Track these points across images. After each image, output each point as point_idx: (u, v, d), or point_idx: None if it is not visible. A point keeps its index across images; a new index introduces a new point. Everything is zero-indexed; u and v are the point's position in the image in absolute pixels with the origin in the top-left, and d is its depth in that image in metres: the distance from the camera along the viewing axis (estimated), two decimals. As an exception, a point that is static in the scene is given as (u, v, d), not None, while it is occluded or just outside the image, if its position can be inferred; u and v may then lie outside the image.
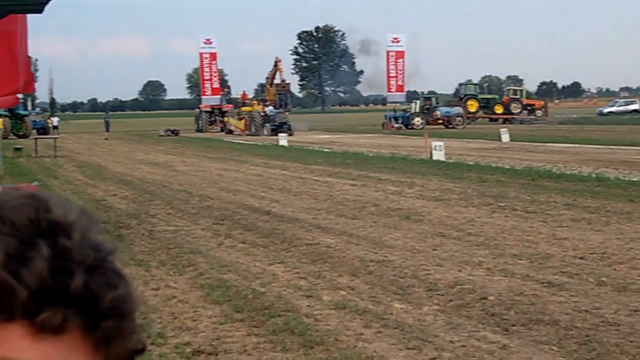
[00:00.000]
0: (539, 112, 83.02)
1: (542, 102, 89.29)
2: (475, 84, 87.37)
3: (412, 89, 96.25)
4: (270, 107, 63.32)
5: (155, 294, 9.83)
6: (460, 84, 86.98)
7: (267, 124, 60.81)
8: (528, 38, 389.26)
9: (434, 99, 74.14)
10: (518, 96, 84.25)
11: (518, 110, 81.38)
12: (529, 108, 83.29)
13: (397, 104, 73.70)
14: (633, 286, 9.59)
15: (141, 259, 11.97)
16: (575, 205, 16.42)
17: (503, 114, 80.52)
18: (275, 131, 55.30)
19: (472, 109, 77.45)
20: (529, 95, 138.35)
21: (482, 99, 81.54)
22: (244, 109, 68.34)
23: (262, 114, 62.87)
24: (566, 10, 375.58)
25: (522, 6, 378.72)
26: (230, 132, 65.84)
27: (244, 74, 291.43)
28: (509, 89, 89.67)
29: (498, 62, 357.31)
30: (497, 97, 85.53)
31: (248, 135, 61.02)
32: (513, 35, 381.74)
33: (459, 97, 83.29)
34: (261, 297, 9.44)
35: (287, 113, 64.24)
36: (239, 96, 77.94)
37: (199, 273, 10.93)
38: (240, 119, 67.06)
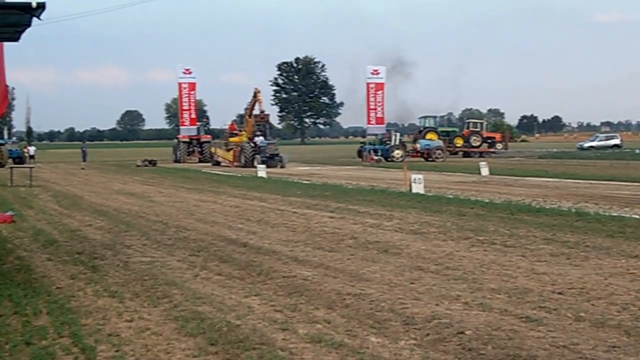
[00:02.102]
0: (499, 145, 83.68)
1: (503, 135, 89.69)
2: (434, 117, 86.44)
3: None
4: (261, 138, 61.76)
5: (129, 325, 9.69)
6: (420, 117, 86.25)
7: (258, 156, 58.96)
8: (510, 72, 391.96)
9: (392, 132, 74.45)
10: (478, 129, 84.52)
11: (478, 143, 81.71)
12: (489, 141, 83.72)
13: (375, 136, 73.83)
14: (611, 322, 9.53)
15: (115, 290, 11.82)
16: (555, 240, 16.38)
17: (463, 147, 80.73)
18: (266, 163, 53.95)
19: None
20: (510, 129, 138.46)
21: (442, 131, 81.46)
22: (231, 139, 67.56)
23: (252, 145, 61.41)
24: (548, 45, 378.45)
25: (505, 40, 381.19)
26: (218, 163, 65.11)
27: (223, 105, 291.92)
28: (468, 122, 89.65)
29: (480, 95, 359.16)
30: (457, 130, 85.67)
31: (237, 166, 60.15)
32: (497, 69, 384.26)
33: (419, 130, 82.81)
34: (236, 330, 9.31)
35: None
36: (226, 127, 77.41)
37: (174, 305, 10.78)
38: (228, 150, 66.55)
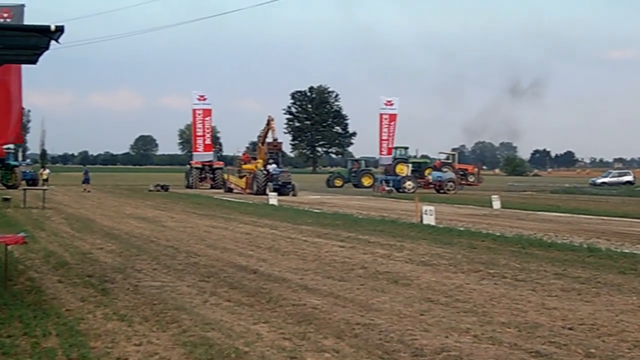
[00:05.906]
0: (471, 178, 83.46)
1: (475, 167, 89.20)
2: (405, 148, 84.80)
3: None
4: (274, 166, 61.67)
5: (137, 349, 9.68)
6: (393, 148, 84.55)
7: (270, 183, 58.70)
8: (524, 106, 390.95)
9: (363, 162, 74.07)
10: (450, 160, 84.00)
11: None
12: (461, 173, 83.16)
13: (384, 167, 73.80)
14: (622, 359, 9.47)
15: (124, 314, 11.81)
16: (566, 275, 16.34)
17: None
18: (278, 191, 54.00)
19: (402, 173, 75.39)
20: (522, 163, 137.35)
21: (413, 163, 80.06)
22: (244, 167, 67.62)
23: (265, 172, 61.23)
24: (560, 79, 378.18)
25: (521, 74, 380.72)
26: (230, 190, 64.96)
27: (235, 131, 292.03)
28: (440, 153, 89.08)
29: (494, 129, 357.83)
30: (428, 161, 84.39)
31: (249, 194, 59.95)
32: (509, 102, 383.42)
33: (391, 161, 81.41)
34: (244, 357, 9.29)
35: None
36: (239, 153, 77.36)
37: (183, 330, 10.77)
38: (241, 177, 66.57)
